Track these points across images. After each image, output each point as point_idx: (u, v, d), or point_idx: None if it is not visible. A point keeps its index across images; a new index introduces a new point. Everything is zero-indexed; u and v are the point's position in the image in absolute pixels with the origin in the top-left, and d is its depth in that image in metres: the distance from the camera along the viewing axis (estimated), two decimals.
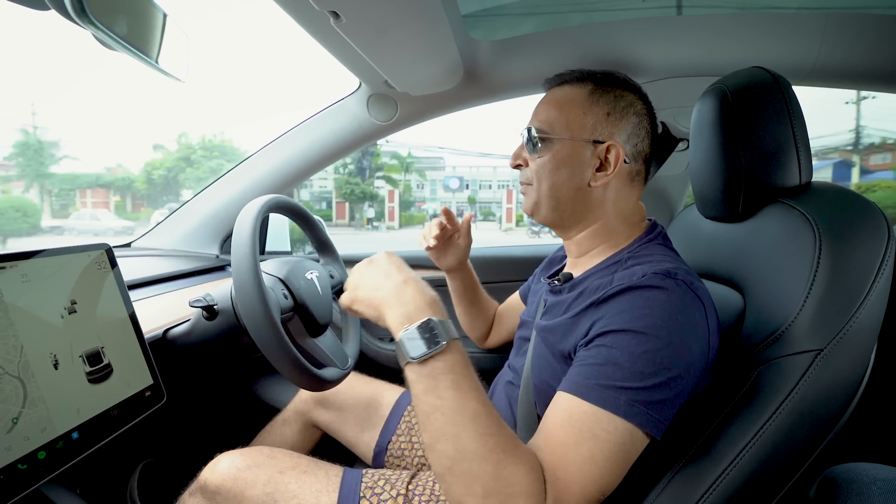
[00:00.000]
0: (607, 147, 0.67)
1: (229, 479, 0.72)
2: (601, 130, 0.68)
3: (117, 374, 0.65)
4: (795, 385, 0.56)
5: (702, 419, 0.61)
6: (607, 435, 0.51)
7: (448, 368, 0.52)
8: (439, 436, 0.50)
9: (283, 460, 0.75)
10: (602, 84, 0.69)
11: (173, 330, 0.87)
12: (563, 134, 0.69)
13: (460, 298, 1.08)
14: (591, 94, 0.69)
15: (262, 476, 0.72)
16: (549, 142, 0.69)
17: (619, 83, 0.70)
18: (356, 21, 0.68)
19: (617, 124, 0.68)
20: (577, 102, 0.69)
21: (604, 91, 0.69)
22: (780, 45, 1.02)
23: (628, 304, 0.56)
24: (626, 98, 0.69)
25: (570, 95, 0.70)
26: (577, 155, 0.68)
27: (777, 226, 0.65)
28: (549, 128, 0.70)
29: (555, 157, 0.69)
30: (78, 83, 21.90)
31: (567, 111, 0.69)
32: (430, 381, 0.51)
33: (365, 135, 1.23)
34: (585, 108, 0.68)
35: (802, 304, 0.57)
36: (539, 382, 0.68)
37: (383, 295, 0.58)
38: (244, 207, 0.75)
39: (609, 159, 0.68)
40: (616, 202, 0.71)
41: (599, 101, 0.68)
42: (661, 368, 0.52)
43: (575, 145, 0.68)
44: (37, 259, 0.59)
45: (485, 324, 1.11)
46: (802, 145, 0.66)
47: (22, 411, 0.51)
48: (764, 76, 0.67)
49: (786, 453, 0.57)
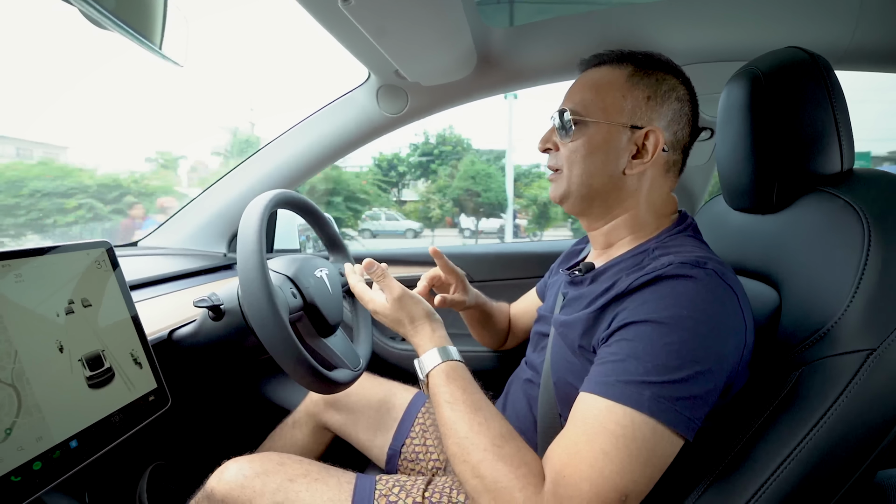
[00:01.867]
0: (646, 133, 0.63)
1: (237, 488, 0.70)
2: (640, 115, 0.64)
3: (119, 379, 0.62)
4: (845, 388, 0.52)
5: (739, 423, 0.58)
6: (622, 430, 0.48)
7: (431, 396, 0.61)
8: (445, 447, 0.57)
9: (294, 467, 0.72)
10: (643, 66, 0.65)
11: (179, 331, 0.84)
12: (599, 117, 0.64)
13: (474, 325, 1.02)
14: (632, 76, 0.65)
15: (272, 484, 0.69)
16: (583, 125, 0.65)
17: (661, 66, 0.66)
18: (365, 4, 0.64)
19: (657, 109, 0.64)
20: (616, 85, 0.65)
21: (645, 74, 0.65)
22: (811, 26, 0.97)
23: (652, 295, 0.53)
24: (669, 82, 0.65)
25: (609, 77, 0.66)
26: (613, 140, 0.64)
27: (818, 216, 0.61)
28: (583, 110, 0.65)
29: (589, 142, 0.65)
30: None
31: (604, 93, 0.65)
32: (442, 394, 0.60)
33: (374, 128, 1.19)
34: (625, 91, 0.64)
35: (850, 301, 0.53)
36: (558, 381, 0.65)
37: (409, 329, 0.69)
38: (250, 203, 0.72)
39: (647, 146, 0.64)
40: (650, 193, 0.67)
41: (640, 84, 0.64)
42: (687, 361, 0.49)
43: (611, 129, 0.64)
44: (33, 259, 0.56)
45: (501, 332, 1.06)
46: (844, 130, 0.62)
47: (16, 421, 0.48)
48: (801, 56, 0.63)
49: (835, 461, 0.53)
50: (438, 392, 0.59)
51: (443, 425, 0.57)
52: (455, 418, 0.56)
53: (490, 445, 0.53)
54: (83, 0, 0.32)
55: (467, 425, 0.55)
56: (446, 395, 0.58)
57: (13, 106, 20.70)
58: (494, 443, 0.53)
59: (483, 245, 1.48)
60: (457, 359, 0.63)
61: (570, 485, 0.48)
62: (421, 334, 0.66)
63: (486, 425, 0.55)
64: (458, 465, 0.54)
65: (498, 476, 0.50)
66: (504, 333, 1.06)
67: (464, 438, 0.54)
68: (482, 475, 0.51)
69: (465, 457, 0.53)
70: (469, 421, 0.55)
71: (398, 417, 0.96)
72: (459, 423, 0.55)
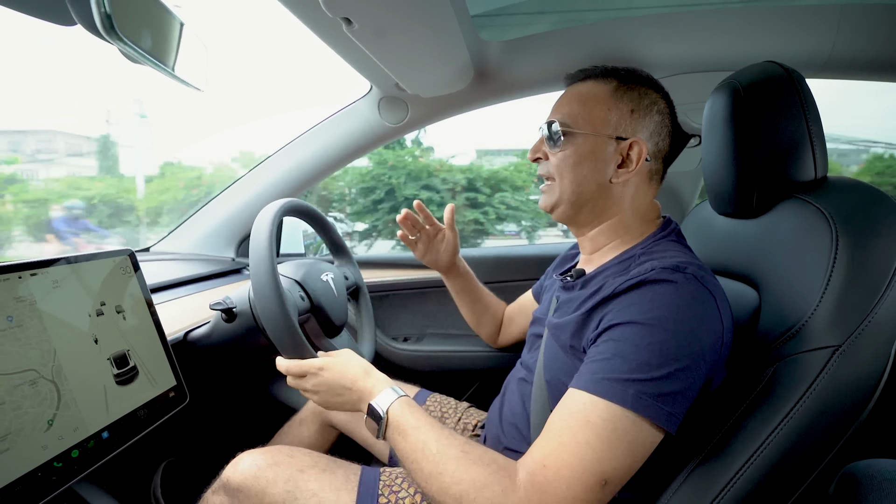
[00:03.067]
0: (630, 144, 0.68)
1: (251, 478, 0.73)
2: (625, 127, 0.68)
3: (143, 375, 0.67)
4: (813, 382, 0.56)
5: (718, 416, 0.62)
6: (604, 423, 0.52)
7: (396, 431, 0.61)
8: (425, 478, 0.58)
9: (303, 459, 0.76)
10: (626, 81, 0.69)
11: (194, 332, 0.89)
12: (586, 129, 0.69)
13: (461, 297, 1.09)
14: (616, 90, 0.69)
15: (283, 474, 0.73)
16: (571, 136, 0.69)
17: (643, 81, 0.70)
18: (368, 27, 0.69)
19: (640, 122, 0.68)
20: (602, 98, 0.69)
21: (628, 88, 0.69)
22: (794, 38, 1.01)
23: (637, 298, 0.57)
24: (650, 96, 0.69)
25: (594, 91, 0.70)
26: (600, 150, 0.68)
27: (792, 221, 0.65)
28: (572, 122, 0.69)
29: (577, 152, 0.69)
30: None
31: (591, 106, 0.69)
32: (394, 445, 0.61)
33: (376, 137, 1.24)
34: (610, 105, 0.68)
35: (819, 300, 0.57)
36: (551, 379, 0.68)
37: (336, 401, 0.69)
38: (261, 211, 0.76)
39: (631, 156, 0.68)
40: (634, 199, 0.71)
41: (624, 97, 0.68)
42: (668, 360, 0.53)
43: (598, 140, 0.68)
44: (65, 265, 0.61)
45: (492, 322, 1.11)
46: (817, 139, 0.66)
47: (56, 413, 0.53)
48: (777, 71, 0.67)
49: (804, 450, 0.57)
50: (403, 420, 0.61)
51: (414, 451, 0.58)
52: (424, 438, 0.58)
53: (460, 453, 0.56)
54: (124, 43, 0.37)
55: (436, 441, 0.58)
56: (412, 421, 0.60)
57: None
58: (463, 450, 0.57)
59: (482, 248, 1.52)
60: (404, 393, 0.66)
61: (551, 472, 0.52)
62: (373, 376, 0.68)
63: (451, 438, 0.59)
64: (435, 482, 0.56)
65: (475, 476, 0.54)
66: (496, 323, 1.11)
67: (437, 454, 0.57)
68: (460, 480, 0.54)
69: (440, 469, 0.56)
70: (437, 437, 0.58)
71: None
72: (430, 441, 0.58)
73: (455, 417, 0.98)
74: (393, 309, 1.43)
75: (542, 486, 0.52)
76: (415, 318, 1.42)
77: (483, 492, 0.53)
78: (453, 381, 1.34)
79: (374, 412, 0.63)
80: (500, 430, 0.79)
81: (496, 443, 0.78)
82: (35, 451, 0.50)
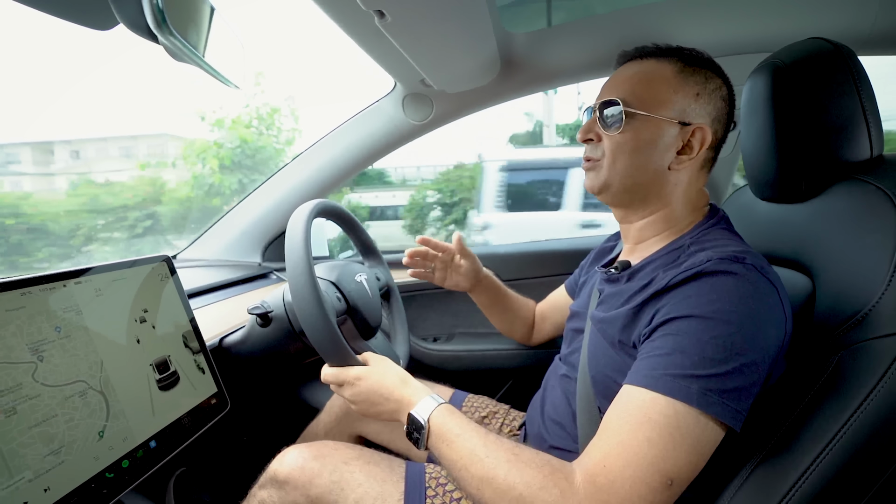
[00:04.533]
0: (693, 130, 0.64)
1: (297, 469, 0.73)
2: (689, 111, 0.64)
3: (185, 383, 0.66)
4: (887, 370, 0.53)
5: (779, 409, 0.59)
6: (666, 419, 0.49)
7: (438, 441, 0.59)
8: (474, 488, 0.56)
9: (347, 452, 0.76)
10: (691, 63, 0.65)
11: (229, 338, 0.88)
12: (650, 110, 0.64)
13: (490, 311, 1.08)
14: (681, 71, 0.64)
15: (329, 466, 0.73)
16: (632, 118, 0.64)
17: (707, 64, 0.66)
18: (401, 19, 0.68)
19: (705, 107, 0.64)
20: (667, 78, 0.64)
21: (693, 70, 0.65)
22: (832, 14, 0.97)
23: (694, 291, 0.54)
24: (715, 81, 0.65)
25: (658, 70, 0.65)
26: (662, 135, 0.64)
27: (849, 203, 0.62)
28: (634, 102, 0.64)
29: (637, 135, 0.64)
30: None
31: (656, 86, 0.64)
32: (439, 455, 0.59)
33: (401, 135, 1.22)
34: (675, 86, 0.64)
35: (888, 283, 0.54)
36: (597, 374, 0.66)
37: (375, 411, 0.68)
38: (294, 212, 0.75)
39: (692, 143, 0.64)
40: (687, 188, 0.68)
41: (689, 80, 0.64)
42: (732, 354, 0.50)
43: (661, 124, 0.64)
44: (105, 273, 0.61)
45: (524, 325, 1.09)
46: (872, 116, 0.63)
47: (106, 424, 0.53)
48: (825, 46, 0.64)
49: (880, 445, 0.54)
50: (446, 428, 0.59)
51: (461, 457, 0.56)
52: (471, 445, 0.57)
53: (511, 456, 0.54)
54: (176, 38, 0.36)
55: (483, 446, 0.56)
56: (455, 428, 0.59)
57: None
58: (514, 453, 0.55)
59: (510, 244, 1.50)
60: (443, 400, 0.64)
61: (613, 472, 0.49)
62: (411, 385, 0.66)
63: (497, 442, 0.57)
64: (488, 488, 0.54)
65: (529, 479, 0.52)
66: (528, 325, 1.09)
67: (486, 458, 0.55)
68: (514, 483, 0.52)
69: (492, 474, 0.54)
70: (484, 442, 0.56)
71: None
72: (477, 447, 0.56)
73: (498, 420, 0.96)
74: (421, 309, 1.42)
75: (604, 486, 0.49)
76: (443, 318, 1.41)
77: (540, 494, 0.51)
78: (486, 379, 1.32)
79: (415, 422, 0.61)
80: (542, 429, 0.77)
81: (540, 441, 0.76)
82: (88, 462, 0.50)
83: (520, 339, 1.11)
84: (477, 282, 1.03)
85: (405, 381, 0.66)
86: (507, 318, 1.08)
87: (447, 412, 0.61)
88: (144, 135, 11.71)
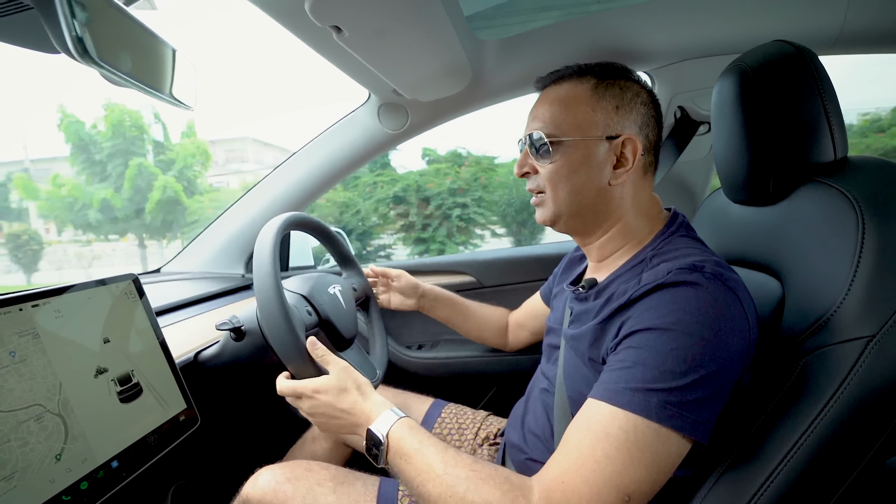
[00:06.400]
0: (622, 141, 0.64)
1: (269, 493, 0.74)
2: (613, 125, 0.64)
3: (151, 399, 0.66)
4: (847, 376, 0.53)
5: (745, 416, 0.59)
6: (625, 434, 0.49)
7: (397, 456, 0.59)
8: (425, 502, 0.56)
9: (321, 473, 0.76)
10: (604, 77, 0.66)
11: (204, 352, 0.88)
12: (574, 134, 0.65)
13: (449, 322, 1.11)
14: (596, 88, 0.65)
15: (301, 488, 0.73)
16: (559, 144, 0.65)
17: (621, 73, 0.67)
18: (358, 33, 0.68)
19: (627, 116, 0.65)
20: (583, 99, 0.65)
21: (608, 84, 0.65)
22: (803, 14, 0.97)
23: (655, 303, 0.54)
24: (632, 89, 0.66)
25: (574, 92, 0.66)
26: (593, 154, 0.65)
27: (814, 206, 0.62)
28: (556, 129, 0.65)
29: (569, 160, 0.65)
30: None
31: (574, 109, 0.65)
32: (397, 472, 0.59)
33: (378, 144, 1.23)
34: (593, 104, 0.65)
35: (848, 289, 0.54)
36: (574, 393, 0.66)
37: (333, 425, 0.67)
38: (263, 227, 0.75)
39: (626, 154, 0.65)
40: (634, 198, 0.68)
41: (605, 94, 0.65)
42: (693, 366, 0.50)
43: (589, 144, 0.64)
44: (69, 294, 0.61)
45: (495, 332, 1.10)
46: (835, 118, 0.62)
47: (64, 447, 0.53)
48: (787, 49, 0.64)
49: (841, 448, 0.54)
50: (405, 443, 0.58)
51: (419, 473, 0.56)
52: (430, 461, 0.56)
53: (469, 472, 0.54)
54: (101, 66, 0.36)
55: (442, 462, 0.56)
56: (414, 443, 0.58)
57: None
58: (472, 468, 0.55)
59: (491, 251, 1.50)
60: (404, 414, 0.64)
61: (569, 488, 0.49)
62: (370, 399, 0.65)
63: (456, 457, 0.56)
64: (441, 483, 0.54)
65: (487, 496, 0.52)
66: (499, 332, 1.11)
67: (444, 475, 0.54)
68: (472, 501, 0.52)
69: (450, 492, 0.53)
70: (442, 458, 0.56)
71: None
72: (435, 463, 0.56)
73: (473, 428, 0.96)
74: (406, 317, 1.41)
75: (559, 503, 0.50)
76: (428, 326, 1.41)
77: None
78: (470, 387, 1.31)
79: (374, 437, 0.60)
80: (522, 439, 0.76)
81: (518, 452, 0.76)
82: (43, 486, 0.50)
83: (494, 345, 1.12)
84: (420, 297, 1.07)
85: (365, 393, 0.66)
86: (473, 326, 1.10)
87: (406, 427, 0.60)
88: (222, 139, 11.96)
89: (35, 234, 9.83)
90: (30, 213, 10.90)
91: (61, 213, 9.62)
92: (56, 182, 9.53)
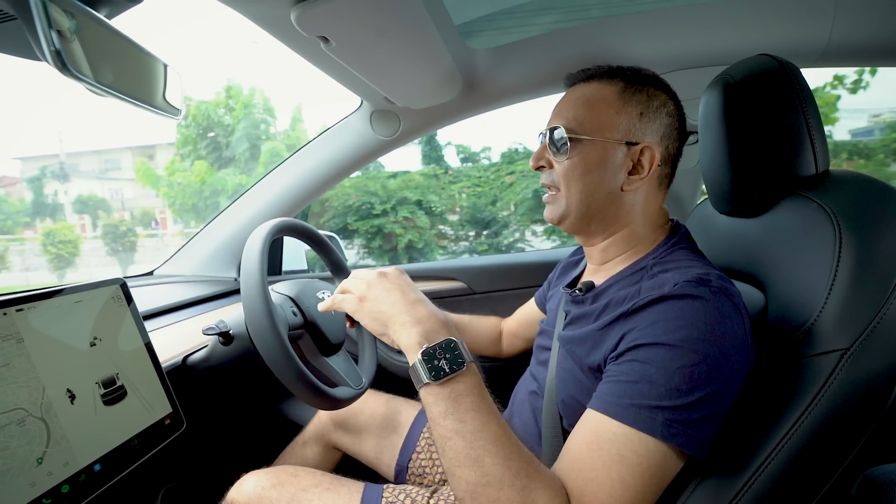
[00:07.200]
0: (641, 149, 0.64)
1: (255, 498, 0.74)
2: (634, 131, 0.64)
3: (136, 402, 0.66)
4: (822, 387, 0.54)
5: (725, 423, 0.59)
6: (638, 458, 0.49)
7: (468, 390, 0.52)
8: (461, 461, 0.50)
9: (306, 479, 0.76)
10: (633, 82, 0.65)
11: (192, 356, 0.89)
12: (594, 134, 0.64)
13: None
14: (623, 92, 0.65)
15: (286, 494, 0.73)
16: (578, 142, 0.65)
17: (651, 81, 0.66)
18: (345, 44, 0.69)
19: (650, 125, 0.64)
20: (609, 101, 0.65)
21: (636, 89, 0.65)
22: (790, 27, 0.98)
23: (661, 315, 0.53)
24: (659, 98, 0.65)
25: (601, 93, 0.65)
26: (610, 157, 0.64)
27: (795, 219, 0.63)
28: (578, 127, 0.65)
29: (585, 160, 0.65)
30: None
31: (598, 109, 0.65)
32: (451, 403, 0.51)
33: (370, 151, 1.24)
34: (618, 107, 0.64)
35: (825, 302, 0.55)
36: (566, 398, 0.66)
37: (396, 311, 0.58)
38: (252, 233, 0.76)
39: (643, 162, 0.64)
40: (645, 207, 0.67)
41: (632, 99, 0.64)
42: (699, 384, 0.50)
43: (607, 146, 0.64)
44: (55, 298, 0.61)
45: (488, 344, 1.08)
46: (817, 132, 0.63)
47: (46, 450, 0.53)
48: (770, 63, 0.65)
49: (817, 456, 0.55)
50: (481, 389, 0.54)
51: (484, 422, 0.51)
52: (497, 415, 0.52)
53: (529, 457, 0.51)
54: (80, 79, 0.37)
55: (506, 436, 0.51)
56: (487, 392, 0.54)
57: None
58: (529, 462, 0.51)
59: (482, 258, 1.50)
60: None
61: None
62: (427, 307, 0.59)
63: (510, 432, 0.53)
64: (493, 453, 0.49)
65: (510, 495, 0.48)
66: (490, 340, 1.09)
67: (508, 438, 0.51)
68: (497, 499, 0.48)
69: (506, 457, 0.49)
70: (506, 432, 0.52)
71: (404, 434, 0.99)
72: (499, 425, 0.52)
73: None
74: None
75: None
76: None
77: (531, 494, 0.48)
78: None
79: (454, 349, 0.52)
80: None
81: None
82: (23, 489, 0.50)
83: (488, 355, 1.11)
84: None
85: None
86: (466, 341, 1.05)
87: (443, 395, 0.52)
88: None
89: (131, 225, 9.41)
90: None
91: (188, 200, 8.63)
92: (172, 167, 8.68)
